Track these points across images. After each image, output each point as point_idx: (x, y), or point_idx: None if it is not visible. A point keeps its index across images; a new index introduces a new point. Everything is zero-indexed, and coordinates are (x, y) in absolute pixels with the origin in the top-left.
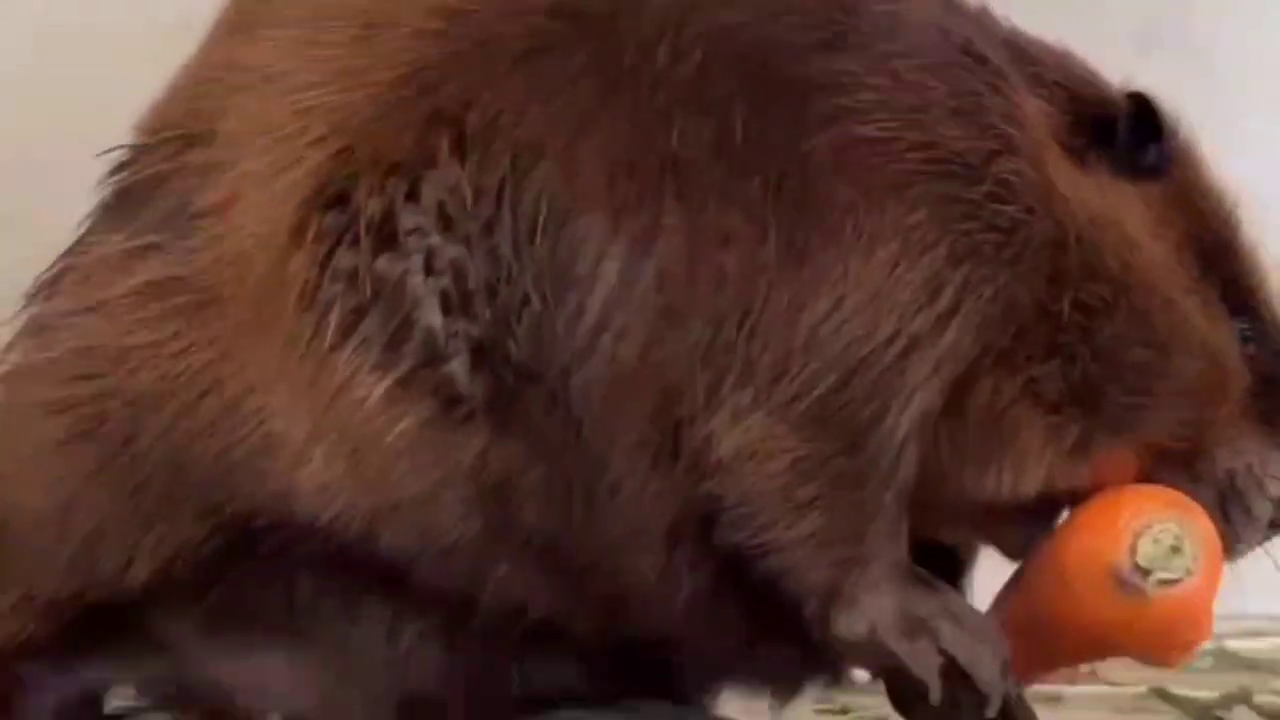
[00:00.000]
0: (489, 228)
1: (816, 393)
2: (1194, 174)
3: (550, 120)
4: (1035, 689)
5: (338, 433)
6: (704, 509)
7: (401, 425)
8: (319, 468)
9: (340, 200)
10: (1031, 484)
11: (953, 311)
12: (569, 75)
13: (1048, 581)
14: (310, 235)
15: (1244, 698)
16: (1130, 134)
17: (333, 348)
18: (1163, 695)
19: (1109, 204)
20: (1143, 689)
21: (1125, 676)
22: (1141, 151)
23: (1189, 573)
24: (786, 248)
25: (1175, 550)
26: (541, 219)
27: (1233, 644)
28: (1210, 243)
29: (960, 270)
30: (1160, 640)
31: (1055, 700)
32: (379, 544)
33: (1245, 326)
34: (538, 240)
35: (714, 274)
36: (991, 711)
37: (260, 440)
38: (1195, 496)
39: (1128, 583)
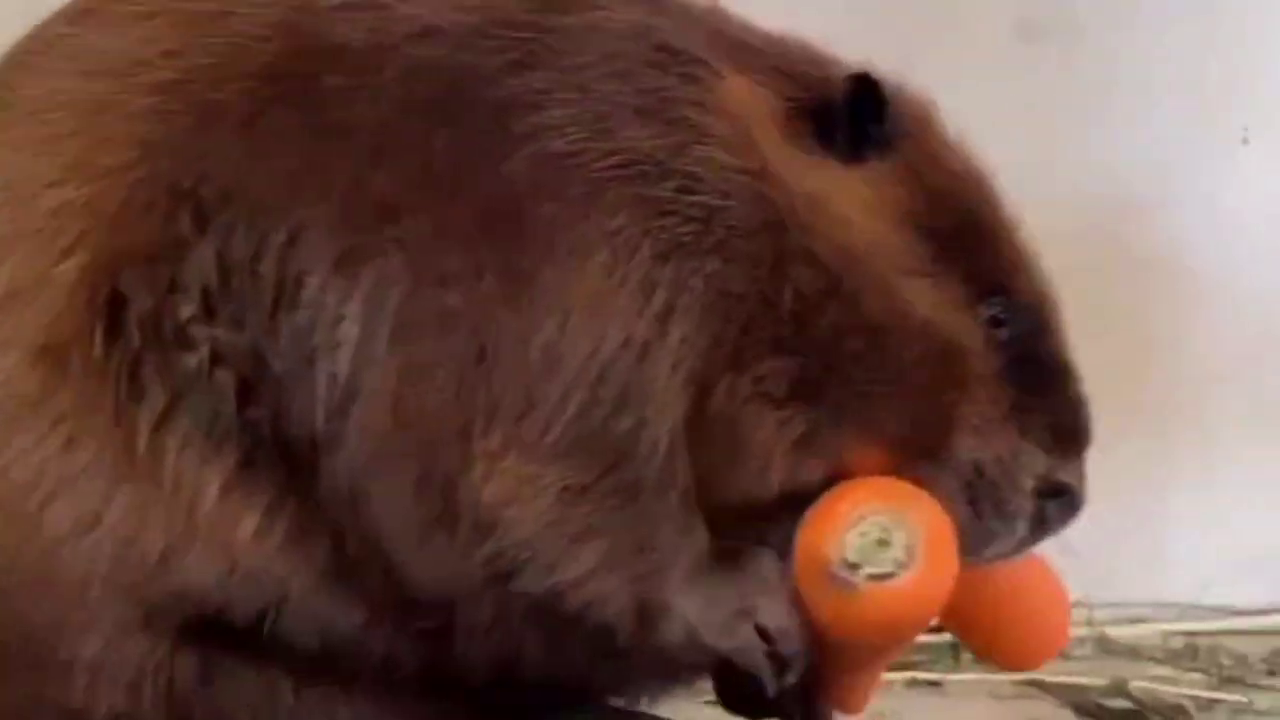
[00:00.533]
0: (243, 307)
1: (565, 418)
2: (929, 152)
3: (272, 185)
4: (915, 675)
5: (192, 534)
6: (498, 569)
7: (245, 521)
8: (192, 565)
9: (113, 302)
10: (773, 482)
11: (669, 309)
12: (284, 138)
13: (796, 582)
14: (96, 340)
15: (1121, 686)
16: (850, 115)
17: (153, 448)
18: (1040, 685)
19: (825, 186)
20: (1021, 677)
21: None
22: (862, 132)
23: (900, 565)
24: (505, 277)
25: (882, 543)
26: (284, 289)
27: (1112, 631)
28: (949, 221)
29: (668, 267)
30: (883, 634)
31: (936, 686)
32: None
33: (998, 310)
34: (281, 314)
35: (443, 317)
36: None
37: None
38: (938, 488)
39: (837, 577)
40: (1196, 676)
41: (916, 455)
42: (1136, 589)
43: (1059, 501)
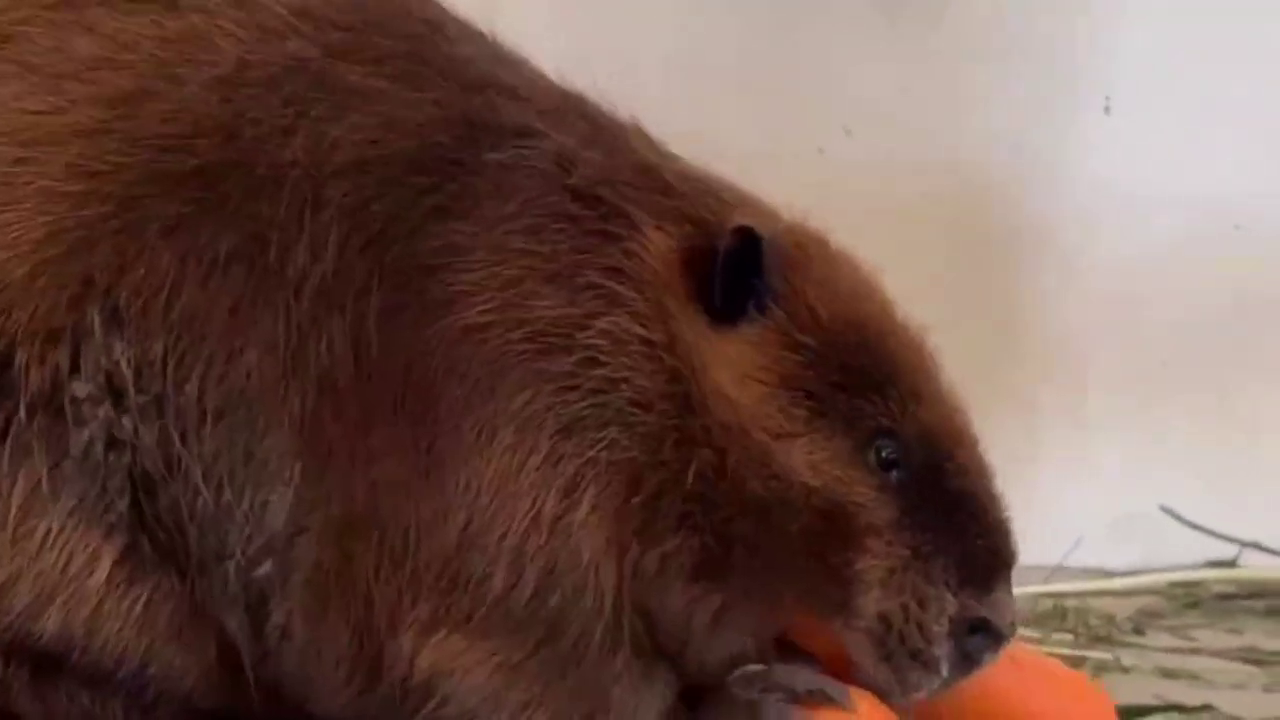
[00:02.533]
0: (158, 406)
1: (490, 598)
2: (807, 303)
3: (206, 306)
4: None
5: (52, 594)
6: None
7: (123, 599)
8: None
9: (3, 367)
10: (702, 650)
11: (576, 482)
12: (219, 262)
13: None
14: None
15: None
16: (727, 274)
17: (23, 512)
18: None
19: (711, 354)
20: None
21: None
22: (741, 290)
23: None
24: (422, 458)
25: None
26: (211, 409)
27: None
28: (827, 373)
29: (572, 441)
30: None
31: None
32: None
33: (887, 453)
34: (207, 431)
35: (371, 492)
36: None
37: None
38: (852, 647)
39: None
40: (1064, 636)
41: (830, 614)
42: None
43: (981, 636)
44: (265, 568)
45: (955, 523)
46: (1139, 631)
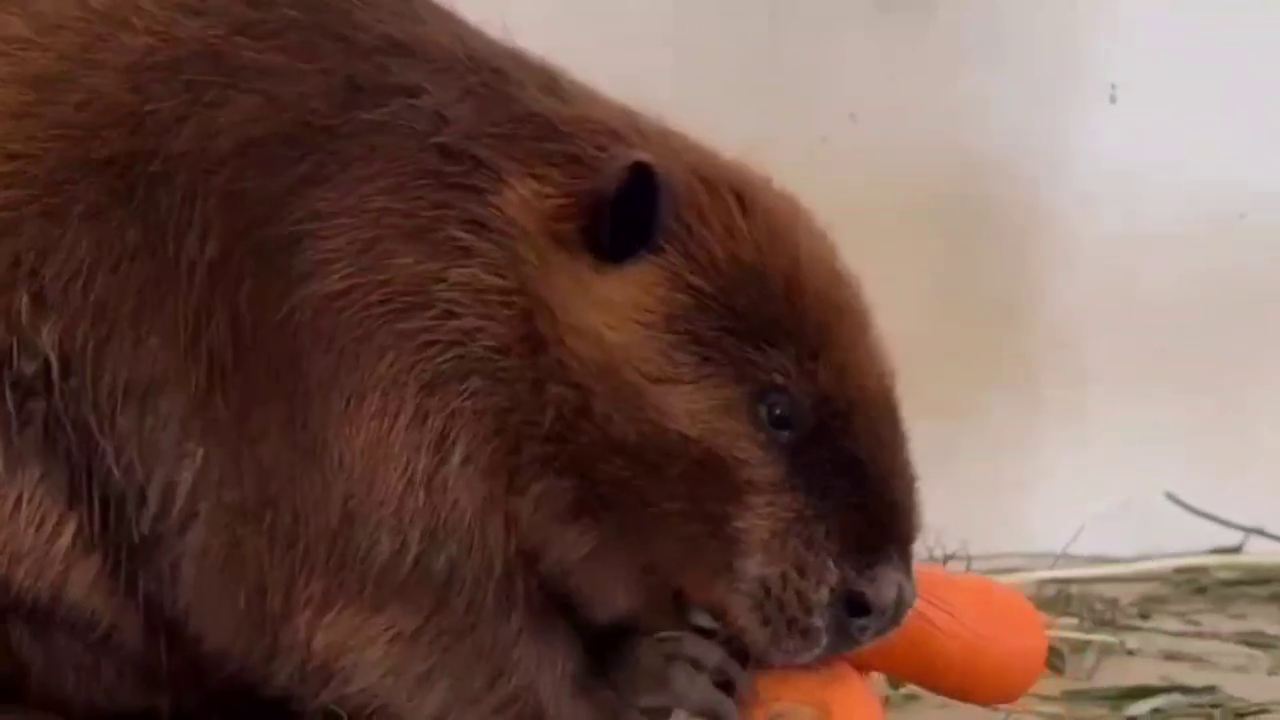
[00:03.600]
0: (80, 389)
1: (379, 566)
2: (706, 246)
3: (116, 293)
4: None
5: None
6: (343, 708)
7: (85, 567)
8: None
9: None
10: (606, 604)
11: (444, 435)
12: (126, 250)
13: None
14: None
15: None
16: (619, 209)
17: (3, 488)
18: None
19: (583, 295)
20: None
21: None
22: (631, 228)
23: None
24: (299, 434)
25: None
26: (121, 394)
27: None
28: (721, 321)
29: (436, 396)
30: None
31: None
32: None
33: (781, 409)
34: (119, 415)
35: (256, 475)
36: None
37: None
38: (731, 608)
39: None
40: (1069, 620)
41: (707, 574)
42: (1010, 540)
43: (866, 618)
44: (171, 543)
45: (843, 490)
46: (1144, 616)
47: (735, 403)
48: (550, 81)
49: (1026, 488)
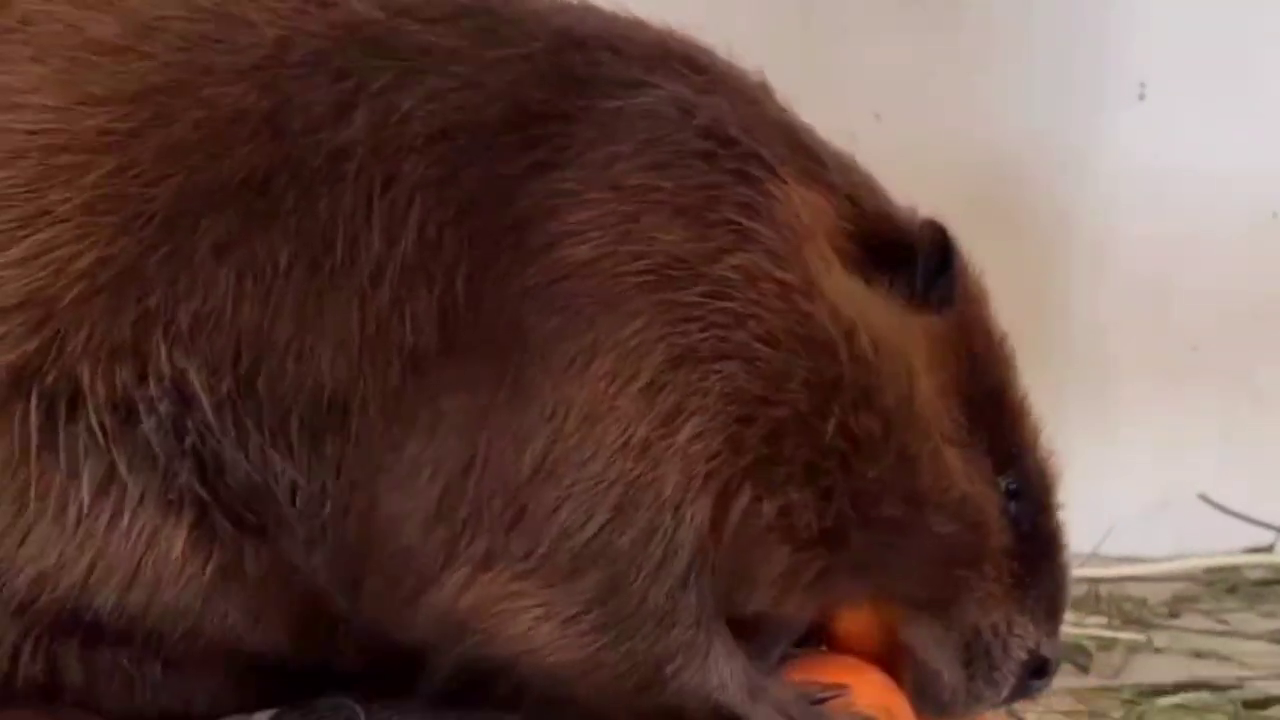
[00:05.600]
0: (231, 402)
1: (554, 533)
2: (976, 313)
3: (269, 316)
4: None
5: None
6: (469, 661)
7: (194, 568)
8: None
9: (60, 378)
10: (760, 604)
11: (677, 410)
12: (279, 269)
13: None
14: (32, 420)
15: None
16: (925, 261)
17: (96, 510)
18: None
19: (895, 329)
20: None
21: None
22: (931, 283)
23: None
24: (502, 388)
25: None
26: (284, 408)
27: None
28: (983, 389)
29: (680, 371)
30: None
31: None
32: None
33: (1011, 483)
34: (292, 430)
35: (435, 425)
36: None
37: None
38: (938, 647)
39: None
40: (1098, 619)
41: (922, 617)
42: None
43: (1043, 680)
44: (325, 512)
45: (1046, 564)
46: (1173, 615)
47: (990, 471)
48: (768, 89)
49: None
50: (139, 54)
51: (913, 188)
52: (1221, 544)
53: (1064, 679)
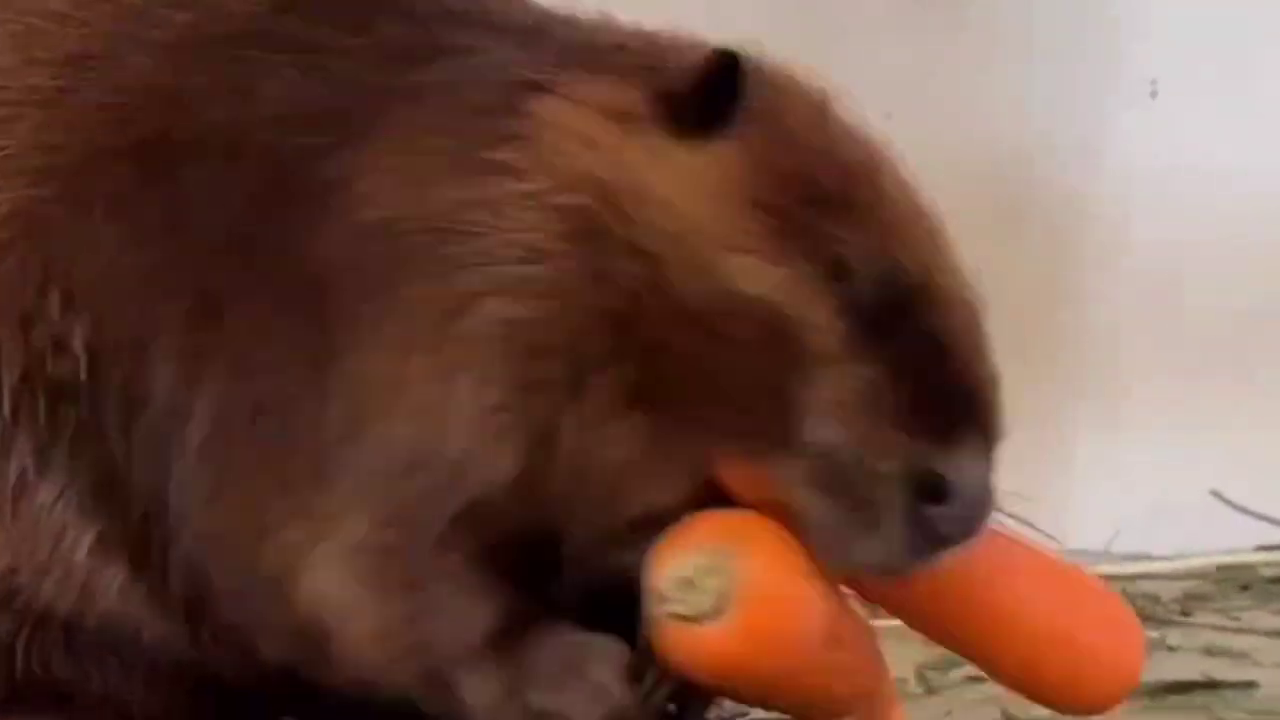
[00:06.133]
0: (112, 392)
1: (356, 481)
2: (785, 129)
3: (135, 282)
4: None
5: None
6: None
7: (107, 575)
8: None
9: None
10: (632, 503)
11: (455, 366)
12: (146, 233)
13: None
14: None
15: None
16: (702, 92)
17: (19, 490)
18: None
19: (655, 174)
20: None
21: None
22: (712, 109)
23: (705, 615)
24: (309, 363)
25: (689, 584)
26: (139, 387)
27: None
28: (798, 198)
29: (454, 324)
30: (704, 677)
31: None
32: None
33: (856, 279)
34: (138, 412)
35: (255, 409)
36: None
37: None
38: (790, 478)
39: (652, 612)
40: None
41: (767, 447)
42: (1048, 539)
43: (944, 507)
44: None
45: (917, 362)
46: (1185, 613)
47: (810, 273)
48: (610, 21)
49: (1066, 486)
50: (78, 21)
51: (922, 187)
52: (1233, 541)
53: None
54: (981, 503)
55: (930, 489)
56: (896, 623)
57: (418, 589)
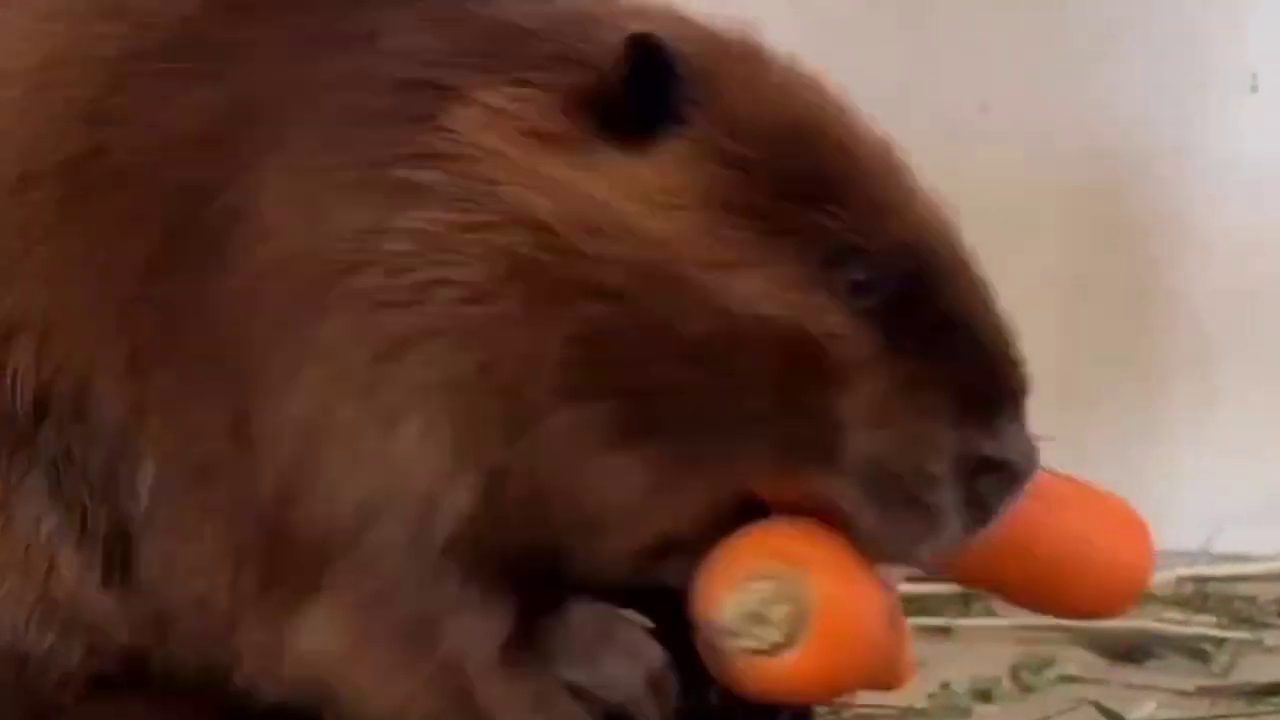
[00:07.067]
0: (80, 426)
1: (308, 549)
2: (732, 112)
3: (66, 316)
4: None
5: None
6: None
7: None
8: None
9: None
10: (643, 530)
11: (396, 410)
12: (72, 266)
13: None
14: None
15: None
16: (629, 90)
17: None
18: (1055, 628)
19: (599, 193)
20: (1033, 621)
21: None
22: (646, 106)
23: (778, 645)
24: (235, 420)
25: (758, 618)
26: (85, 420)
27: None
28: (769, 189)
29: (387, 365)
30: (773, 700)
31: (946, 632)
32: None
33: (858, 274)
34: (87, 446)
35: (198, 474)
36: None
37: None
38: (840, 497)
39: (713, 644)
40: (1206, 618)
41: (806, 466)
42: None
43: (994, 477)
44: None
45: (946, 348)
46: None
47: (810, 275)
48: None
49: (1162, 486)
50: (35, 38)
51: (1018, 178)
52: None
53: (1171, 678)
54: (1028, 464)
55: (979, 468)
56: (990, 622)
57: (420, 625)
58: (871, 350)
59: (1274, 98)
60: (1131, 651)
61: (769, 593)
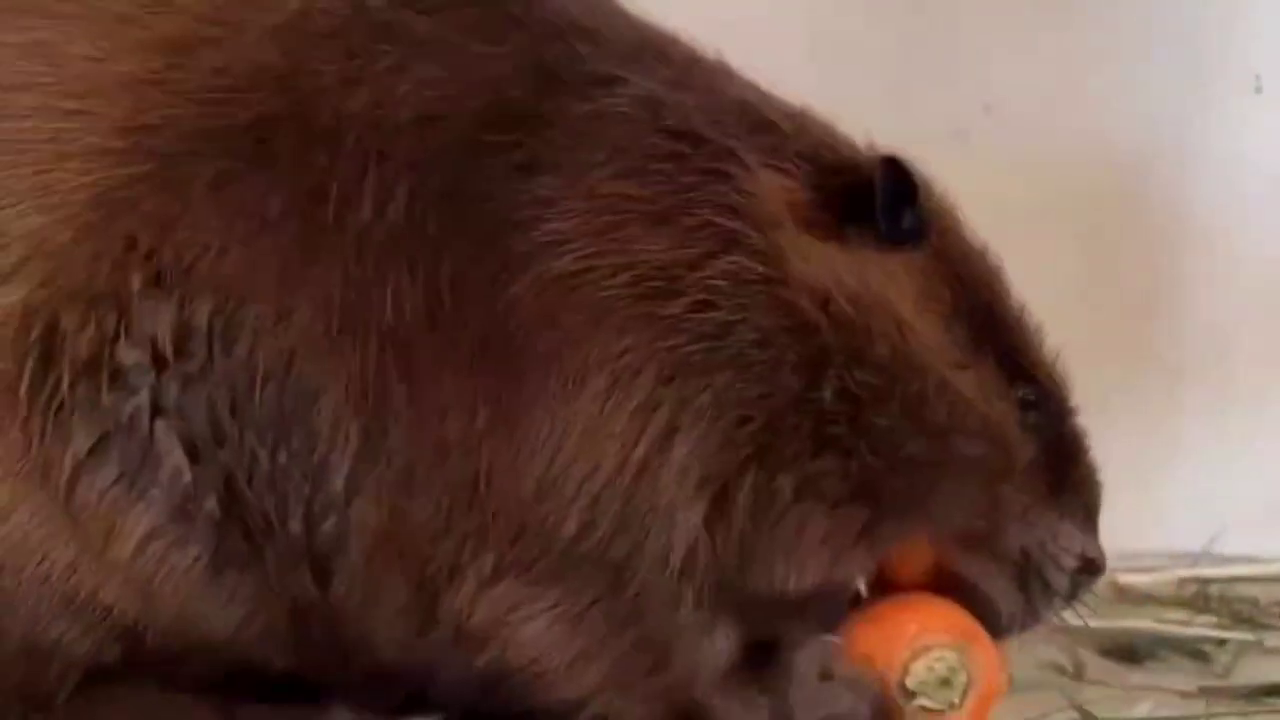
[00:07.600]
0: (203, 373)
1: (559, 544)
2: (954, 237)
3: (253, 264)
4: None
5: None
6: (493, 677)
7: (165, 568)
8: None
9: (49, 333)
10: (813, 576)
11: (672, 429)
12: (268, 218)
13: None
14: (25, 374)
15: (1137, 629)
16: (885, 200)
17: (72, 482)
18: (1059, 630)
19: (873, 282)
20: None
21: None
22: (897, 218)
23: (952, 706)
24: (500, 409)
25: (945, 683)
26: (260, 371)
27: (1126, 579)
28: (979, 309)
29: (672, 386)
30: None
31: None
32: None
33: (1027, 393)
34: (258, 395)
35: (439, 447)
36: None
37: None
38: (992, 578)
39: (890, 698)
40: (1207, 618)
41: (970, 547)
42: (1149, 539)
43: (1088, 573)
44: (329, 524)
45: (1076, 467)
46: None
47: (1002, 387)
48: (728, 70)
49: (1166, 486)
50: (170, 8)
51: (1023, 180)
52: None
53: (1174, 679)
54: (1104, 568)
55: (1083, 566)
56: None
57: (657, 638)
58: (1030, 457)
59: (1278, 99)
60: (1132, 652)
61: (954, 662)
